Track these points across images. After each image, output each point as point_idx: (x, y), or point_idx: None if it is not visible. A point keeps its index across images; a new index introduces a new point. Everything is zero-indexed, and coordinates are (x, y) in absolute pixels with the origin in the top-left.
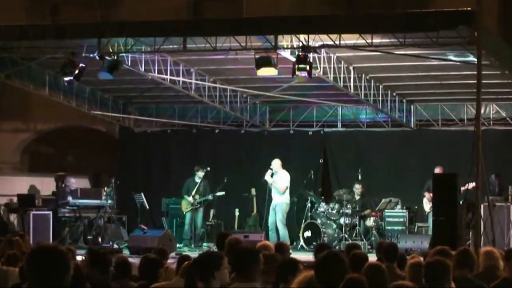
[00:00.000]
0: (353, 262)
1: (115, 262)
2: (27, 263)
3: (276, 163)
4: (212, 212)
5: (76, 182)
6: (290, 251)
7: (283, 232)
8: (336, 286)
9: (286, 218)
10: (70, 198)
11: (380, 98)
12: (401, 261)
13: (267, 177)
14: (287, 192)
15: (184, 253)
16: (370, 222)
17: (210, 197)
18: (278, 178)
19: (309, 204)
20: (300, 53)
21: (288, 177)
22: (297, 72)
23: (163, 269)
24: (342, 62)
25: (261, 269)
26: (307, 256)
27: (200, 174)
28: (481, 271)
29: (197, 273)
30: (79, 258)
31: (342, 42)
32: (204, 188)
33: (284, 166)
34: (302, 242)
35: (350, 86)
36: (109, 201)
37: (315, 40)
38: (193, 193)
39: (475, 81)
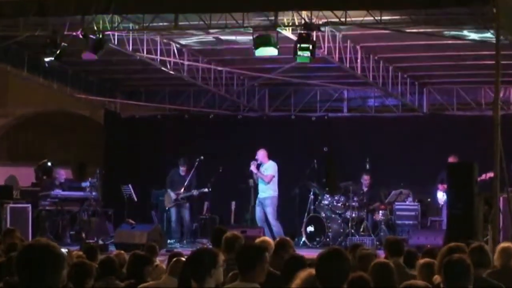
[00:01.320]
0: (361, 262)
1: (99, 260)
2: (18, 262)
3: (261, 154)
4: (206, 205)
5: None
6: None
7: (278, 227)
8: (339, 287)
9: (277, 212)
10: (57, 191)
11: (390, 81)
12: (410, 258)
13: (252, 167)
14: (275, 183)
15: (175, 250)
16: (378, 216)
17: (194, 193)
18: (265, 168)
19: (312, 196)
20: (303, 32)
21: (275, 167)
22: (299, 52)
23: (152, 267)
24: (348, 41)
25: (267, 269)
26: (310, 253)
27: (183, 168)
28: (497, 270)
29: (192, 272)
30: None
31: (348, 19)
32: (189, 182)
33: (285, 154)
34: (304, 238)
35: (357, 67)
36: (94, 193)
37: (319, 17)
38: (179, 187)
39: (493, 62)
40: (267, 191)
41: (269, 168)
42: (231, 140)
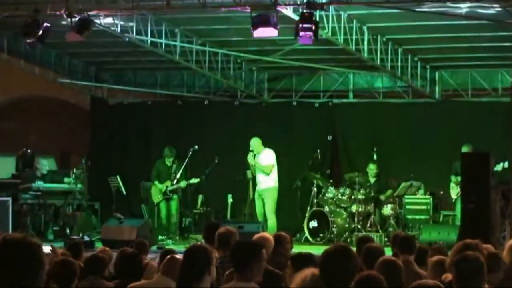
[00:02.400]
0: (367, 257)
1: (85, 258)
2: None
3: (255, 143)
4: (200, 198)
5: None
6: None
7: (273, 222)
8: (345, 286)
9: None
10: (39, 184)
11: (399, 64)
12: (421, 256)
13: (249, 158)
14: (275, 173)
15: (167, 247)
16: (387, 210)
17: (182, 185)
18: (261, 158)
19: (315, 189)
20: (305, 11)
21: (273, 155)
22: (301, 33)
23: (142, 265)
24: (354, 21)
25: (264, 267)
26: (312, 251)
27: (168, 159)
28: (507, 269)
29: (189, 273)
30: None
31: None
32: (175, 172)
33: (286, 144)
34: (307, 234)
35: (363, 49)
36: (79, 185)
37: None
38: (166, 179)
39: (511, 43)
40: (268, 182)
41: (267, 157)
42: (227, 128)
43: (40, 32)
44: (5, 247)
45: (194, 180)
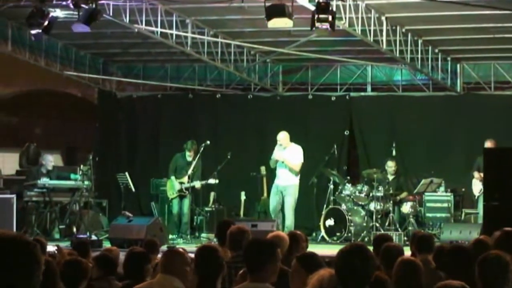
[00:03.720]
0: (386, 257)
1: (94, 258)
2: None
3: (283, 137)
4: (212, 195)
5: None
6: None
7: (291, 221)
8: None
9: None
10: (45, 180)
11: (419, 56)
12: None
13: (277, 153)
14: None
15: (178, 246)
16: (406, 208)
17: (197, 184)
18: (290, 154)
19: (331, 186)
20: (321, 0)
21: (301, 151)
22: (317, 24)
23: (152, 265)
24: (373, 11)
25: (279, 267)
26: (329, 250)
27: (190, 153)
28: None
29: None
30: (49, 250)
31: None
32: (194, 170)
33: (301, 138)
34: (323, 233)
35: (382, 40)
36: (86, 182)
37: None
38: (183, 175)
39: None
40: (292, 179)
41: (297, 155)
42: (240, 123)
43: (46, 23)
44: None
45: (212, 181)
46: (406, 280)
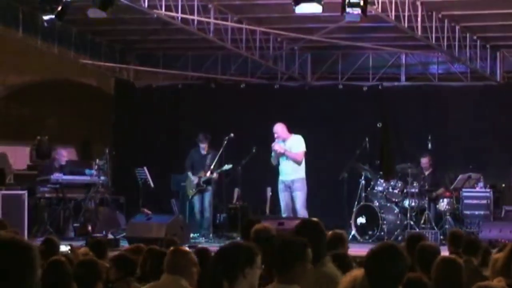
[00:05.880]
0: (422, 257)
1: (112, 258)
2: None
3: (279, 129)
4: (236, 192)
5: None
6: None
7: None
8: None
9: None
10: (58, 175)
11: (457, 43)
12: (483, 256)
13: (278, 145)
14: (303, 163)
15: (200, 246)
16: (443, 205)
17: (214, 175)
18: (290, 145)
19: (363, 182)
20: None
21: (303, 140)
22: (348, 9)
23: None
24: None
25: (309, 268)
26: (360, 250)
27: (202, 145)
28: None
29: (222, 270)
30: (63, 249)
31: None
32: (210, 161)
33: (331, 131)
34: (354, 231)
35: (417, 27)
36: (102, 178)
37: None
38: (200, 170)
39: None
40: (298, 172)
41: (298, 144)
42: (266, 115)
43: (59, 8)
44: None
45: (226, 167)
46: (446, 279)
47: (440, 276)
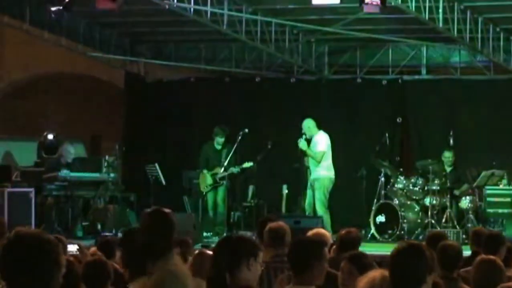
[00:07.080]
0: (444, 257)
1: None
2: (1, 259)
3: (307, 125)
4: (251, 189)
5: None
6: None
7: (325, 218)
8: None
9: (328, 200)
10: (65, 172)
11: (479, 35)
12: (505, 257)
13: (301, 143)
14: (328, 162)
15: (213, 245)
16: (465, 203)
17: (235, 170)
18: (314, 143)
19: (382, 179)
20: None
21: (326, 140)
22: (367, 0)
23: (185, 265)
24: None
25: (326, 269)
26: (379, 249)
27: (220, 140)
28: None
29: (227, 258)
30: (71, 249)
31: None
32: (225, 157)
33: (349, 126)
34: (373, 230)
35: (438, 18)
36: (112, 175)
37: None
38: (215, 166)
39: None
40: (318, 171)
41: (318, 143)
42: (282, 110)
43: None
44: (17, 244)
45: (247, 164)
46: (487, 280)
47: (480, 275)
